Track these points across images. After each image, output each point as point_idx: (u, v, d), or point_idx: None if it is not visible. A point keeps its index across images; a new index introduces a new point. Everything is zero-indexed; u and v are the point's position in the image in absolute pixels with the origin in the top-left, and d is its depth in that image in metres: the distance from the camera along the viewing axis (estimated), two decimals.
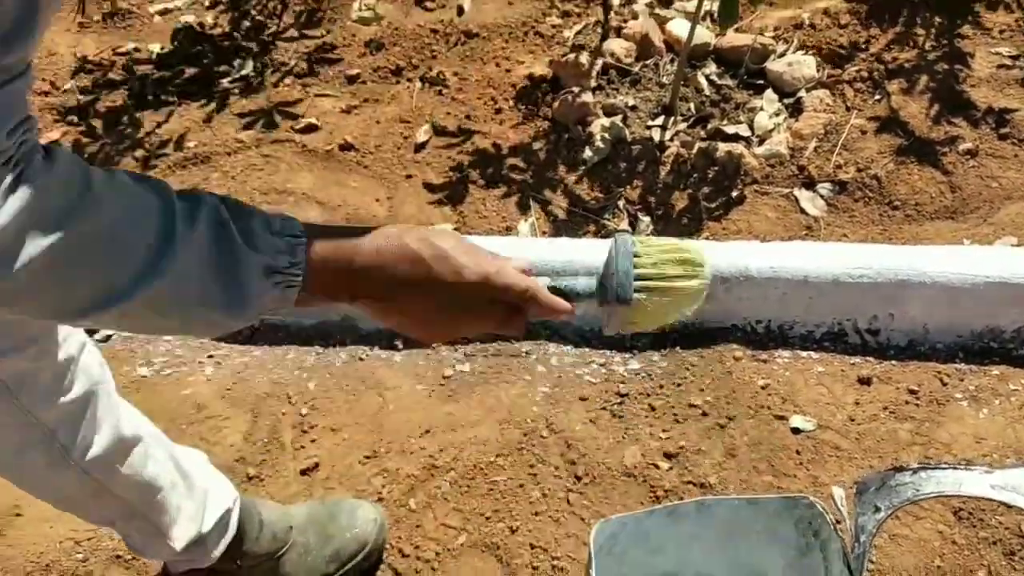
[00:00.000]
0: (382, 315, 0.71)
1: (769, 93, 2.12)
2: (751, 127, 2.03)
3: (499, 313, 0.72)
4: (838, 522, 0.97)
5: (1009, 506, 0.85)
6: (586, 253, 1.61)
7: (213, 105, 2.19)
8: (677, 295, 0.75)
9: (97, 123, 2.13)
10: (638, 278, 0.73)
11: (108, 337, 1.65)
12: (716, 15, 1.89)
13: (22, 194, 0.51)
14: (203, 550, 1.15)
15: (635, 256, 0.75)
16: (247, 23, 2.45)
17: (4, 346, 0.85)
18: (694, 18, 1.95)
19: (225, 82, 2.27)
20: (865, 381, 1.56)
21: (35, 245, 0.52)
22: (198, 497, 1.12)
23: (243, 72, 2.28)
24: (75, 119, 2.16)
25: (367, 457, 1.45)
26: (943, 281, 1.56)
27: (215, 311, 0.61)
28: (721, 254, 1.60)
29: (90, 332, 1.15)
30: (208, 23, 2.43)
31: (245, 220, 0.62)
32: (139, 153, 2.04)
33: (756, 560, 1.08)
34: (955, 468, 0.86)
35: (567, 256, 1.60)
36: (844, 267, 1.57)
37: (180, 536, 1.11)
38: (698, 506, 0.98)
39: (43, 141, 0.58)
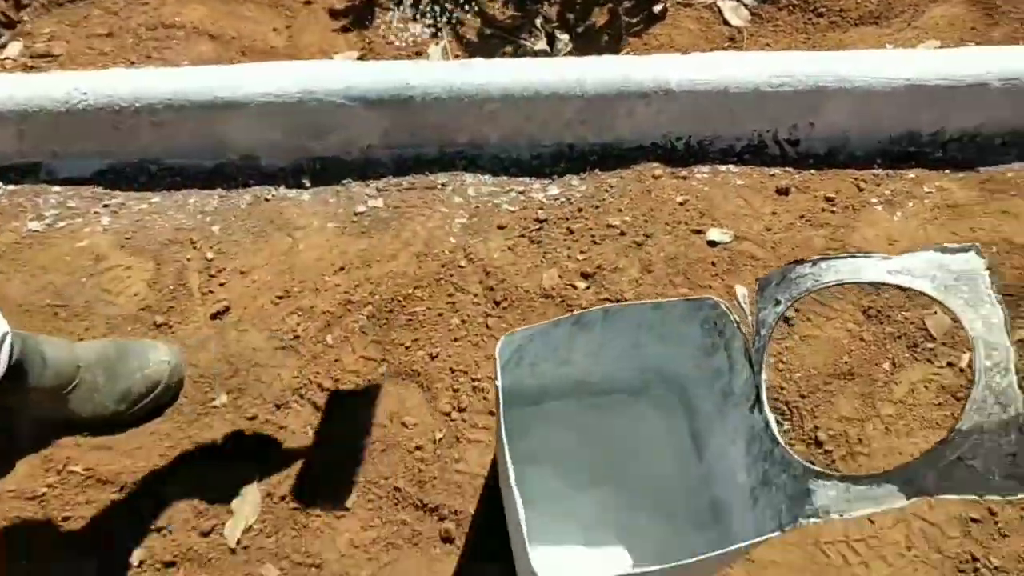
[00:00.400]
0: None
1: None
2: None
3: None
4: (739, 322, 0.97)
5: (903, 289, 0.85)
6: (501, 74, 1.52)
7: None
8: None
9: None
10: None
11: None
12: None
13: None
14: None
15: None
16: None
17: None
18: None
19: None
20: (783, 191, 1.54)
21: None
22: None
23: None
24: None
25: (279, 297, 1.41)
26: (862, 86, 1.52)
27: None
28: (641, 68, 1.53)
29: None
30: None
31: None
32: None
33: (664, 362, 1.09)
34: (854, 257, 0.85)
35: (482, 79, 1.51)
36: (765, 76, 1.52)
37: None
38: (604, 313, 0.97)
39: None
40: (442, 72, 1.51)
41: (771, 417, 0.90)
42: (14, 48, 1.74)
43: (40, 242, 1.48)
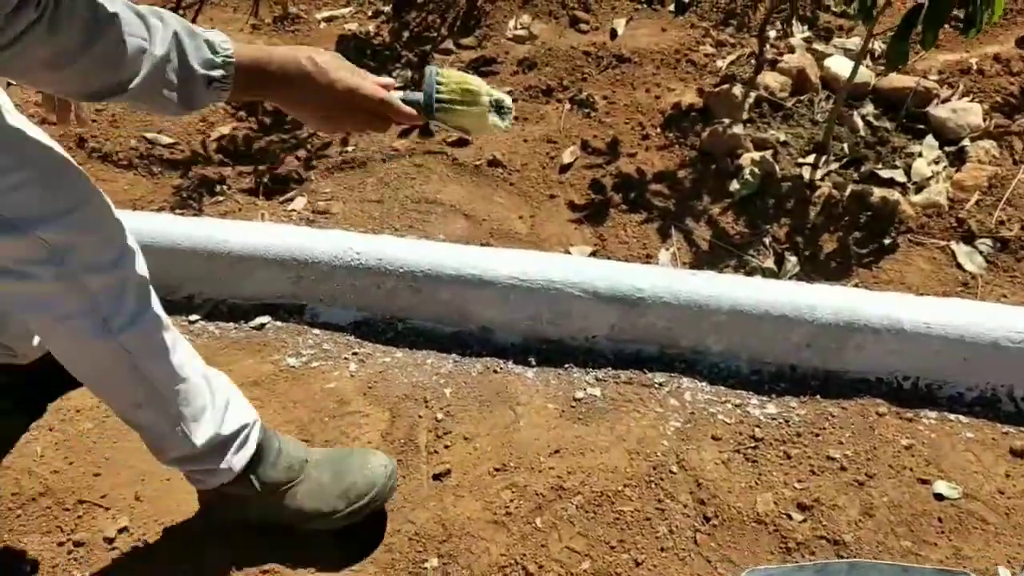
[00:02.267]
0: (287, 109, 1.03)
1: (929, 139, 2.05)
2: (907, 173, 1.97)
3: (366, 116, 1.02)
4: None
5: None
6: (730, 289, 1.60)
7: None
8: (468, 113, 1.06)
9: (266, 119, 2.27)
10: (438, 101, 1.05)
11: (262, 326, 1.76)
12: (885, 55, 1.84)
13: (60, 30, 0.78)
14: (223, 455, 1.23)
15: (438, 83, 1.05)
16: (407, 34, 2.55)
17: (45, 214, 0.97)
18: (857, 57, 1.90)
19: None
20: (1018, 453, 1.48)
21: (71, 63, 0.81)
22: (219, 403, 1.22)
23: (401, 84, 2.38)
24: (244, 115, 2.31)
25: (496, 469, 1.49)
26: None
27: (173, 106, 0.93)
28: (873, 303, 1.56)
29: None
30: (371, 32, 2.55)
31: (196, 44, 0.91)
32: (301, 153, 2.16)
33: None
34: None
35: (711, 291, 1.59)
36: (1004, 329, 1.50)
37: (200, 432, 1.19)
38: (851, 568, 0.96)
39: (215, 135, 0.81)
40: (672, 279, 1.60)
41: None
42: (300, 202, 2.02)
43: (295, 377, 1.65)
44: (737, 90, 2.11)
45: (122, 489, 1.46)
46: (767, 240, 1.83)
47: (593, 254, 1.85)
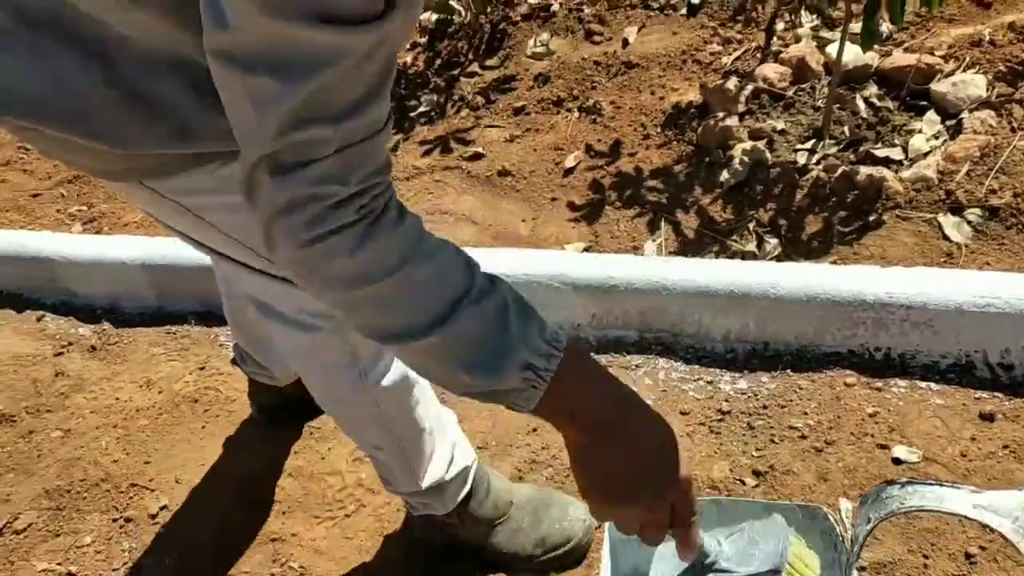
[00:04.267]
0: (580, 452, 0.76)
1: (930, 115, 2.04)
2: (905, 150, 1.97)
3: (660, 511, 0.76)
4: (843, 536, 0.99)
5: (984, 526, 0.84)
6: (698, 273, 1.68)
7: (400, 135, 2.51)
8: None
9: None
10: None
11: None
12: (860, 36, 1.87)
13: (371, 245, 0.67)
14: (441, 496, 1.29)
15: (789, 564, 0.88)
16: (438, 61, 2.76)
17: None
18: (841, 38, 1.94)
19: (413, 114, 2.59)
20: (988, 417, 1.48)
21: (371, 284, 0.68)
22: (447, 447, 1.27)
23: (428, 107, 2.59)
24: None
25: (479, 448, 1.63)
26: None
27: (469, 377, 0.71)
28: (834, 277, 1.60)
29: None
30: (408, 63, 2.78)
31: (524, 314, 0.73)
32: None
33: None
34: (941, 485, 0.87)
35: (679, 275, 1.68)
36: (970, 295, 1.51)
37: (428, 477, 1.25)
38: (716, 506, 1.04)
39: None
40: (643, 267, 1.70)
41: None
42: None
43: None
44: (731, 84, 2.18)
45: (166, 474, 1.71)
46: (751, 225, 1.89)
47: (587, 250, 1.97)
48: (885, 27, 2.32)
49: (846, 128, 2.08)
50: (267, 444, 1.72)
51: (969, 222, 1.76)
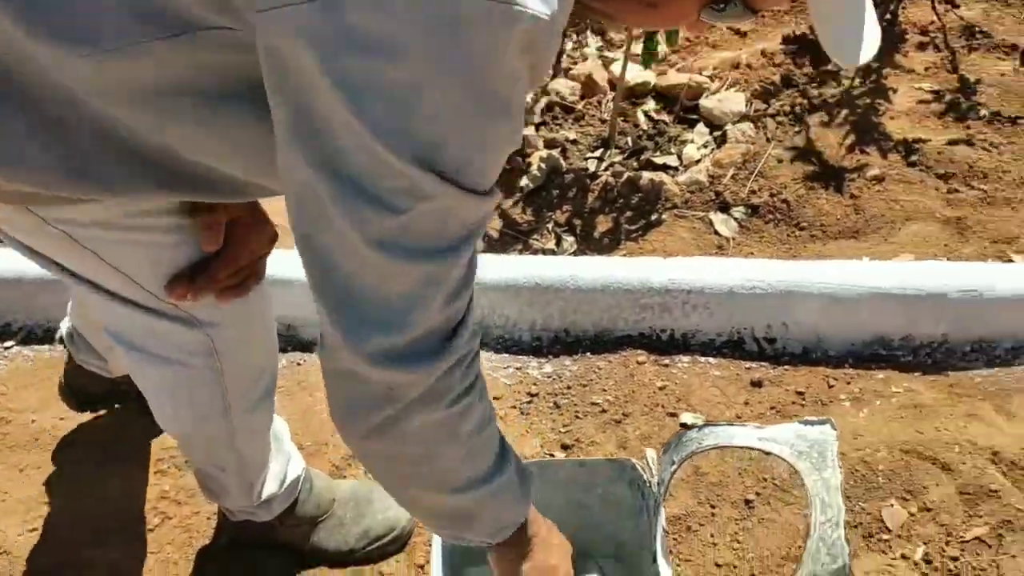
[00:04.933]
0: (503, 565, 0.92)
1: (700, 127, 2.29)
2: (680, 158, 2.20)
3: None
4: (649, 482, 1.10)
5: (767, 453, 0.98)
6: (504, 269, 1.77)
7: None
8: None
9: None
10: None
11: None
12: (641, 57, 2.07)
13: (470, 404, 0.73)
14: (269, 507, 1.30)
15: None
16: None
17: (211, 319, 0.99)
18: (624, 58, 2.14)
19: None
20: (757, 383, 1.68)
21: (455, 438, 0.75)
22: (282, 462, 1.28)
23: None
24: None
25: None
26: (830, 292, 1.69)
27: (475, 533, 0.86)
28: (629, 269, 1.75)
29: None
30: None
31: (525, 481, 0.85)
32: None
33: (606, 524, 1.21)
34: (730, 425, 1.00)
35: (494, 272, 1.77)
36: (738, 280, 1.71)
37: (263, 492, 1.26)
38: (539, 467, 1.12)
39: None
40: None
41: (666, 571, 1.01)
42: None
43: None
44: (528, 97, 2.32)
45: None
46: (549, 225, 2.03)
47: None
48: (661, 49, 2.58)
49: (629, 138, 2.28)
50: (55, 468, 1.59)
51: (735, 218, 2.00)
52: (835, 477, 0.93)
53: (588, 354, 1.77)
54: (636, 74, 2.41)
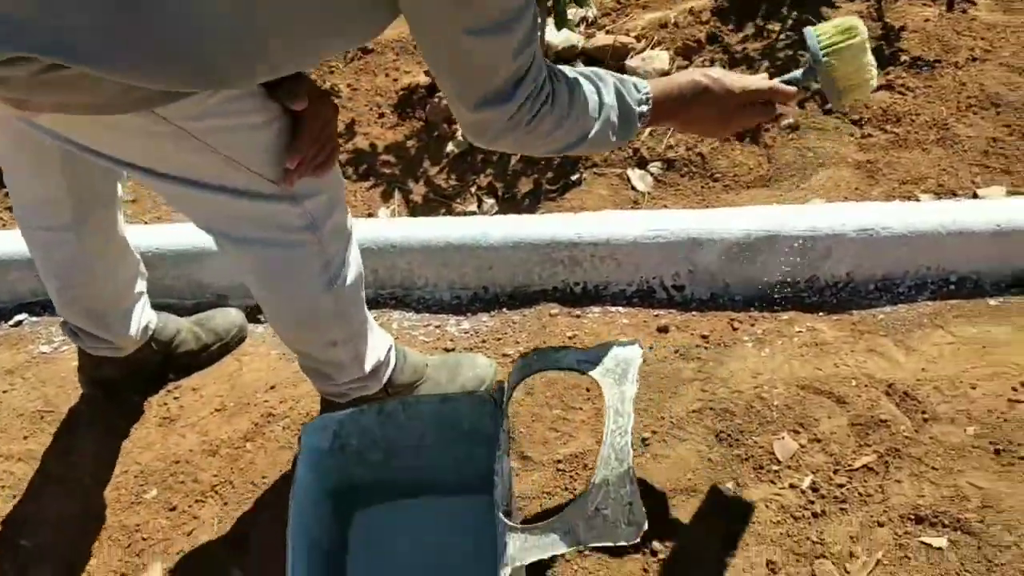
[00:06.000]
0: (692, 127, 1.22)
1: None
2: None
3: (759, 108, 1.17)
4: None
5: (582, 373, 1.05)
6: (418, 230, 1.83)
7: None
8: (851, 49, 1.13)
9: None
10: (822, 49, 1.14)
11: (19, 323, 1.92)
12: (555, 18, 2.11)
13: (556, 106, 1.01)
14: (377, 376, 1.46)
15: (817, 36, 1.15)
16: None
17: (308, 190, 1.12)
18: (543, 23, 2.18)
19: None
20: (663, 329, 1.74)
21: (562, 127, 1.04)
22: (376, 332, 1.45)
23: None
24: None
25: (217, 410, 1.68)
26: (731, 238, 1.74)
27: (616, 143, 1.13)
28: (538, 226, 1.81)
29: None
30: None
31: (627, 89, 1.11)
32: None
33: (479, 459, 1.27)
34: (557, 349, 1.06)
35: (403, 233, 1.82)
36: (642, 230, 1.76)
37: (369, 361, 1.41)
38: (402, 405, 1.18)
39: None
40: (371, 229, 1.83)
41: (499, 491, 1.06)
42: None
43: (46, 361, 1.82)
44: None
45: None
46: (473, 189, 2.08)
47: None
48: (591, 12, 2.61)
49: None
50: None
51: (652, 174, 2.04)
52: (631, 390, 0.99)
53: (504, 310, 1.82)
54: (565, 37, 2.44)
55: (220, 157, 1.02)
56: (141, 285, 1.57)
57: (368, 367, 1.41)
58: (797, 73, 1.19)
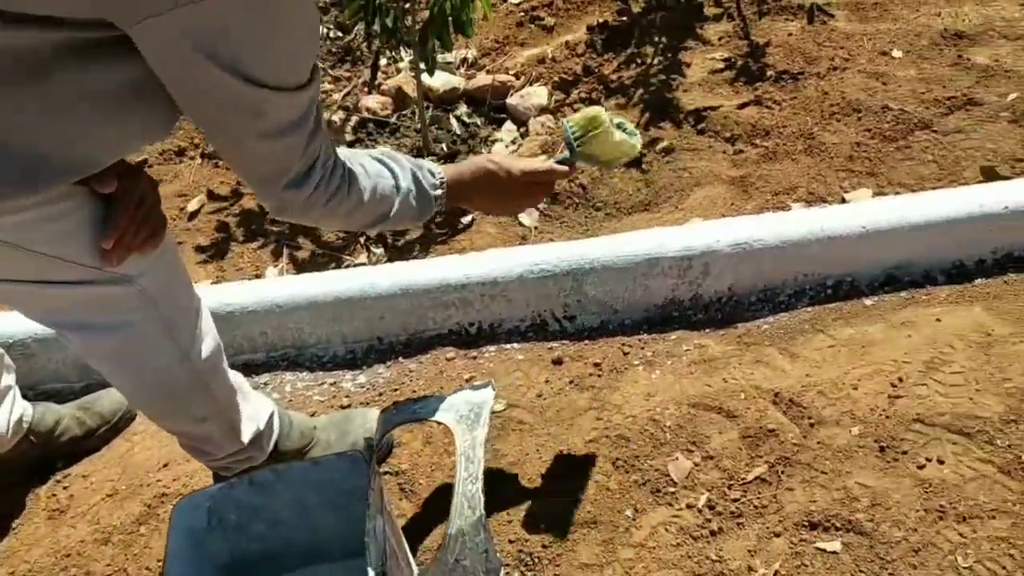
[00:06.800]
0: (480, 207, 1.31)
1: (508, 124, 2.37)
2: None
3: (538, 188, 1.28)
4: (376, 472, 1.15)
5: (438, 423, 1.05)
6: (305, 286, 1.81)
7: None
8: (599, 136, 1.26)
9: None
10: (576, 138, 1.28)
11: None
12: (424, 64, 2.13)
13: (354, 189, 1.09)
14: (260, 445, 1.42)
15: (570, 127, 1.29)
16: None
17: (139, 269, 1.08)
18: (416, 70, 2.20)
19: None
20: (558, 361, 1.75)
21: (359, 208, 1.11)
22: (252, 401, 1.41)
23: None
24: None
25: (108, 495, 1.62)
26: (610, 265, 1.77)
27: (415, 222, 1.22)
28: (426, 270, 1.81)
29: None
30: None
31: (423, 174, 1.20)
32: None
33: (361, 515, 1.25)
34: (416, 400, 1.07)
35: (288, 292, 1.80)
36: (526, 265, 1.78)
37: (246, 431, 1.37)
38: (275, 474, 1.16)
39: None
40: (252, 290, 1.80)
41: (371, 554, 1.04)
42: None
43: None
44: (337, 117, 2.37)
45: None
46: (362, 240, 2.07)
47: (215, 284, 2.03)
48: (470, 54, 2.65)
49: (444, 144, 2.34)
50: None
51: (537, 209, 2.07)
52: (481, 434, 1.00)
53: (400, 359, 1.82)
54: (445, 80, 2.47)
55: (31, 254, 0.97)
56: (8, 379, 1.52)
57: (246, 438, 1.38)
58: (567, 154, 1.31)
